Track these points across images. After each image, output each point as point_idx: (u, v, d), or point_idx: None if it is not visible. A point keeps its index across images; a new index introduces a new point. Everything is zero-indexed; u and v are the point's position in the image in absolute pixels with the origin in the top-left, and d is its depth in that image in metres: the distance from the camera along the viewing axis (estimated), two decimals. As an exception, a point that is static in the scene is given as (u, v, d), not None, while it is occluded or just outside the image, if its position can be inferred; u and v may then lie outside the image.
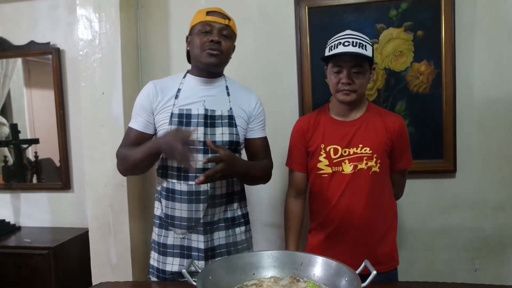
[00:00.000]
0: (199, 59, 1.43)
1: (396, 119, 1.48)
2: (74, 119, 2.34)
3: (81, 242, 2.17)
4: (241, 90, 1.54)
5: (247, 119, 1.51)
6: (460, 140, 1.93)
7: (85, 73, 2.03)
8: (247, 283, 1.10)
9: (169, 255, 1.45)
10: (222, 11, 1.46)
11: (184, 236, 1.44)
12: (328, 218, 1.45)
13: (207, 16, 1.41)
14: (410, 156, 1.53)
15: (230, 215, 1.50)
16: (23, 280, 2.09)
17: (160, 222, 1.49)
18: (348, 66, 1.38)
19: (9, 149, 2.51)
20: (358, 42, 1.38)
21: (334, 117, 1.50)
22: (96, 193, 2.04)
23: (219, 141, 1.41)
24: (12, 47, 2.37)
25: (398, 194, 1.63)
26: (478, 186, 1.96)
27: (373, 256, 1.36)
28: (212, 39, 1.39)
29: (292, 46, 2.03)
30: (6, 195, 2.47)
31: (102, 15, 1.99)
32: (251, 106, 1.52)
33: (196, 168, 1.36)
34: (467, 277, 1.97)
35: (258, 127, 1.54)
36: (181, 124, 1.40)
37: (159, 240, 1.48)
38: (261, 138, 1.55)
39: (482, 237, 1.98)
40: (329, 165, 1.44)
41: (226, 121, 1.44)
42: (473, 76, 1.92)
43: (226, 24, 1.43)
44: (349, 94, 1.40)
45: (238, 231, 1.51)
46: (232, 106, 1.47)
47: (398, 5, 1.92)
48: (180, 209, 1.42)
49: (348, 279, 1.01)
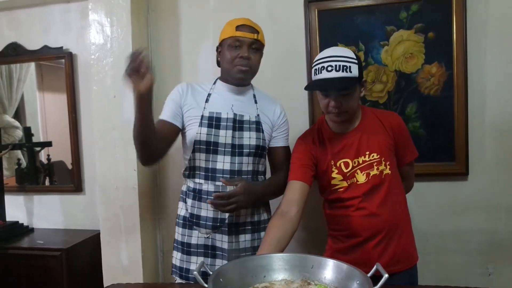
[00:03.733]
0: (229, 74, 1.49)
1: (391, 117, 1.48)
2: (86, 122, 2.37)
3: (92, 244, 2.19)
4: (267, 99, 1.61)
5: (272, 127, 1.57)
6: (472, 142, 1.91)
7: (97, 76, 2.06)
8: (258, 286, 1.10)
9: (193, 254, 1.49)
10: (251, 23, 1.49)
11: (209, 236, 1.47)
12: (348, 226, 1.44)
13: (236, 32, 1.45)
14: (413, 147, 1.52)
15: (257, 218, 1.54)
16: (36, 281, 2.12)
17: (184, 222, 1.52)
18: (334, 92, 1.35)
19: (22, 152, 2.55)
20: (341, 65, 1.32)
21: (334, 131, 1.48)
22: (108, 196, 2.06)
23: (246, 144, 1.48)
24: (26, 52, 2.41)
25: (410, 186, 1.63)
26: (491, 189, 1.93)
27: (395, 256, 1.40)
28: (242, 56, 1.44)
29: (302, 49, 2.03)
30: (20, 197, 2.51)
31: (114, 20, 2.02)
32: (276, 115, 1.58)
33: (223, 169, 1.45)
34: (480, 281, 1.94)
35: (281, 136, 1.60)
36: (211, 127, 1.46)
37: (183, 239, 1.51)
38: (283, 147, 1.61)
39: (495, 240, 1.95)
40: (343, 179, 1.43)
41: (254, 126, 1.50)
42: (485, 78, 1.90)
43: (255, 39, 1.46)
44: (339, 115, 1.38)
45: (263, 235, 1.51)
46: (259, 112, 1.53)
47: (409, 6, 1.91)
48: (206, 209, 1.47)
49: (359, 282, 1.00)
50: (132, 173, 2.02)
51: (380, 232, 1.40)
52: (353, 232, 1.42)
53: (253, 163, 1.51)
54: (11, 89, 2.53)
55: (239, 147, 1.47)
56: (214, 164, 1.46)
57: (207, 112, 1.47)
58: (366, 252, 1.40)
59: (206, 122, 1.46)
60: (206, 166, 1.47)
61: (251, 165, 1.50)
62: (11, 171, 2.55)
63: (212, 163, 1.46)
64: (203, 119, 1.47)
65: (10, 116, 2.54)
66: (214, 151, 1.46)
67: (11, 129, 2.54)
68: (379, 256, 1.38)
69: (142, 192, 2.06)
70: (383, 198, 1.40)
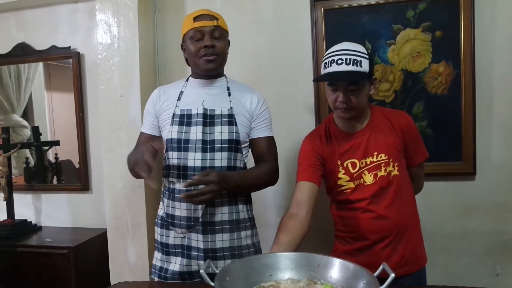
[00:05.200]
0: (197, 66, 1.46)
1: (401, 116, 1.45)
2: (93, 122, 2.39)
3: (100, 242, 2.21)
4: (243, 89, 1.55)
5: (250, 118, 1.51)
6: (479, 142, 1.89)
7: (104, 76, 2.07)
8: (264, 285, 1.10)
9: (172, 254, 1.47)
10: (208, 12, 1.46)
11: (184, 236, 1.45)
12: (356, 227, 1.42)
13: (195, 23, 1.42)
14: (424, 148, 1.50)
15: (235, 217, 1.48)
16: (44, 278, 2.14)
17: (162, 222, 1.51)
18: (343, 86, 1.33)
19: (30, 151, 2.58)
20: (352, 59, 1.30)
21: (342, 130, 1.46)
22: (114, 194, 2.08)
23: (218, 139, 1.43)
24: (34, 52, 2.44)
25: (419, 187, 1.61)
26: (499, 189, 1.92)
27: (403, 258, 1.38)
28: (206, 45, 1.41)
29: (308, 48, 2.03)
30: (28, 195, 2.54)
31: (121, 20, 2.03)
32: (253, 105, 1.51)
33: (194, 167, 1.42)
34: (488, 282, 1.93)
35: (261, 127, 1.53)
36: (182, 124, 1.44)
37: (161, 240, 1.50)
38: (264, 137, 1.53)
39: (503, 241, 1.93)
40: (350, 180, 1.41)
41: (226, 120, 1.45)
42: (493, 77, 1.88)
43: (215, 25, 1.43)
44: (348, 111, 1.36)
45: (243, 234, 1.49)
46: (232, 105, 1.48)
47: (416, 5, 1.90)
48: (180, 208, 1.44)
49: (366, 281, 1.00)
50: (139, 172, 2.03)
51: (389, 235, 1.38)
52: (362, 234, 1.41)
53: (228, 158, 1.45)
54: (19, 89, 2.55)
55: (210, 143, 1.43)
56: (186, 162, 1.43)
57: (178, 110, 1.46)
58: (374, 255, 1.38)
59: (177, 120, 1.45)
60: (178, 164, 1.44)
61: (225, 161, 1.44)
62: (19, 170, 2.58)
63: (184, 161, 1.43)
64: (174, 117, 1.45)
65: (18, 116, 2.57)
66: (185, 149, 1.43)
67: (19, 129, 2.57)
68: (387, 258, 1.36)
69: (149, 191, 2.07)
70: (391, 200, 1.39)
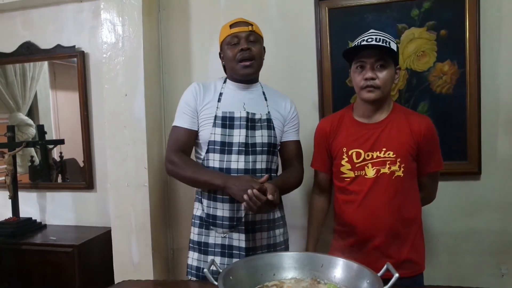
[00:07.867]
0: (235, 72, 1.50)
1: (422, 120, 1.43)
2: (97, 120, 2.39)
3: (104, 241, 2.22)
4: (277, 95, 1.62)
5: (283, 122, 1.58)
6: (485, 141, 1.88)
7: (109, 75, 2.08)
8: (268, 284, 1.10)
9: (210, 253, 1.49)
10: (243, 19, 1.52)
11: (225, 235, 1.48)
12: (350, 222, 1.43)
13: (231, 29, 1.49)
14: (440, 159, 1.48)
15: (272, 216, 1.54)
16: (48, 276, 2.15)
17: (201, 222, 1.53)
18: (371, 61, 1.36)
19: (35, 150, 2.59)
20: (381, 38, 1.36)
21: (357, 119, 1.47)
22: (119, 193, 2.08)
23: (259, 143, 1.49)
24: (39, 51, 2.45)
25: (429, 198, 1.60)
26: (504, 189, 1.90)
27: (397, 261, 1.35)
28: (242, 48, 1.46)
29: (312, 47, 2.02)
30: (33, 194, 2.55)
31: (125, 19, 2.03)
32: (287, 109, 1.59)
33: (237, 169, 1.46)
34: (493, 282, 1.92)
35: (291, 131, 1.61)
36: (225, 127, 1.47)
37: (199, 239, 1.52)
38: (294, 141, 1.61)
39: (508, 241, 1.92)
40: (351, 169, 1.42)
41: (265, 124, 1.51)
42: (499, 76, 1.87)
43: (251, 30, 1.48)
44: (373, 91, 1.37)
45: (278, 232, 1.56)
46: (270, 110, 1.55)
47: (421, 4, 1.89)
48: (222, 209, 1.48)
49: (369, 281, 1.00)
50: (143, 171, 2.03)
51: (379, 235, 1.38)
52: (352, 230, 1.42)
53: (267, 161, 1.52)
54: (24, 88, 2.57)
55: (252, 146, 1.48)
56: (229, 164, 1.46)
57: (220, 112, 1.48)
58: (365, 255, 1.37)
59: (220, 123, 1.47)
60: (220, 166, 1.47)
61: (264, 163, 1.51)
62: (24, 168, 2.60)
63: (227, 163, 1.47)
64: (216, 119, 1.48)
65: (24, 114, 2.58)
66: (228, 151, 1.47)
67: (24, 127, 2.58)
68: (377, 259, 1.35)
69: (153, 189, 2.08)
70: (388, 201, 1.38)
